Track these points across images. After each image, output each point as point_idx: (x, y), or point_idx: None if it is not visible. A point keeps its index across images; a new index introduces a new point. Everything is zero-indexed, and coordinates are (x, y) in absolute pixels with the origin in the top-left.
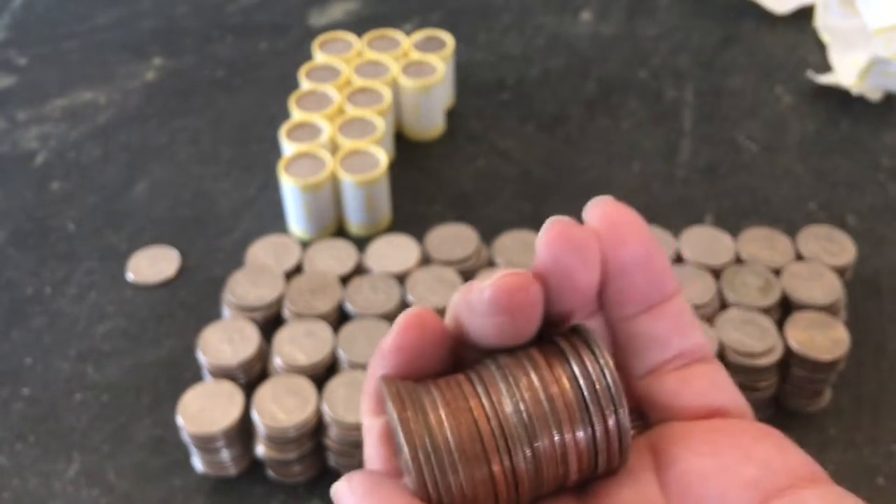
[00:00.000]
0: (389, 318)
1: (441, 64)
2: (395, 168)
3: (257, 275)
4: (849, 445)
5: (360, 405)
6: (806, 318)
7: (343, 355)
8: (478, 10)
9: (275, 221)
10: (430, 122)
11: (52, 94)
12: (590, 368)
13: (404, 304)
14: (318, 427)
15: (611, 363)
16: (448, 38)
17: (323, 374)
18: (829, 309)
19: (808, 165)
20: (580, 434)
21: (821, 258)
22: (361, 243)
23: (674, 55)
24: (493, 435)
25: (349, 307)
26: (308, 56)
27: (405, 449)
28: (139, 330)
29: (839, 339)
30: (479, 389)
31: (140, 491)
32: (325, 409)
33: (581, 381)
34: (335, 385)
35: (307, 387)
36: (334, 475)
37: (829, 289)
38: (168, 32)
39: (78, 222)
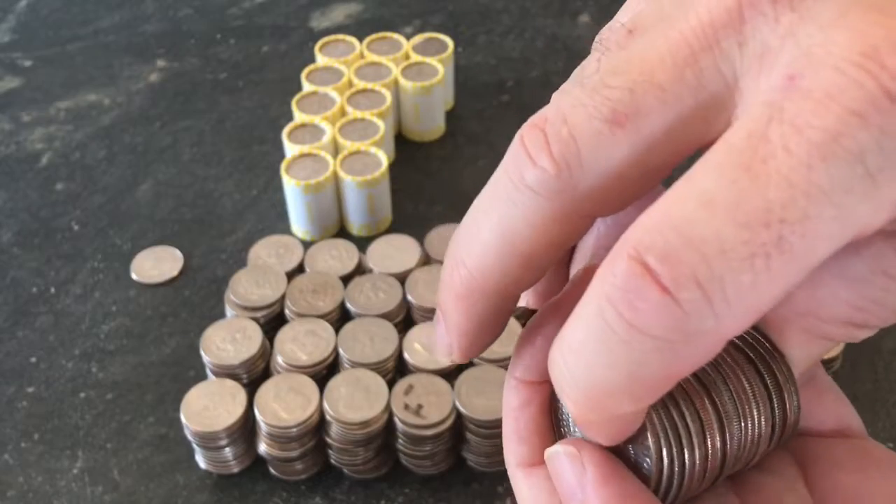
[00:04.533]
0: (390, 317)
1: (441, 66)
2: (396, 169)
3: (259, 274)
4: None
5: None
6: None
7: (344, 354)
8: (477, 12)
9: (277, 222)
10: (431, 124)
11: (56, 95)
12: (769, 361)
13: (405, 304)
14: (319, 425)
15: (782, 356)
16: (448, 41)
17: (324, 372)
18: None
19: None
20: (768, 415)
21: None
22: (362, 243)
23: None
24: (710, 417)
25: (350, 307)
26: (310, 58)
27: (646, 425)
28: (143, 329)
29: None
30: (694, 379)
31: (143, 488)
32: (327, 407)
33: (765, 373)
34: (336, 383)
35: (309, 385)
36: (335, 472)
37: None
38: (171, 35)
39: (82, 222)
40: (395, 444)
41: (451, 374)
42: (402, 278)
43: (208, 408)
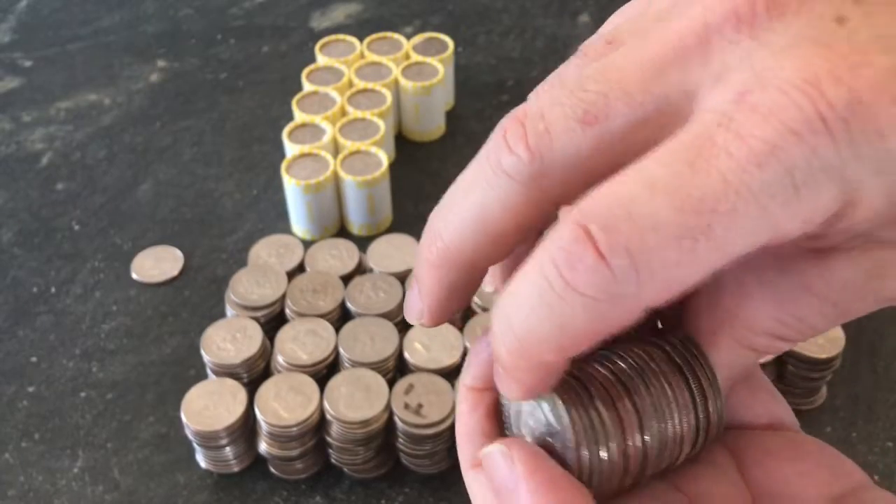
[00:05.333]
0: (390, 317)
1: (441, 66)
2: (396, 169)
3: (260, 274)
4: (844, 443)
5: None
6: None
7: (344, 354)
8: (477, 12)
9: (277, 221)
10: (431, 124)
11: (57, 95)
12: (694, 365)
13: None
14: (319, 424)
15: (715, 370)
16: (448, 41)
17: (325, 372)
18: None
19: None
20: (692, 419)
21: None
22: (363, 243)
23: None
24: (629, 415)
25: (350, 306)
26: (310, 58)
27: (567, 423)
28: (143, 329)
29: (834, 338)
30: (608, 375)
31: (144, 487)
32: (327, 406)
33: (690, 376)
34: (336, 383)
35: (309, 384)
36: (336, 471)
37: None
38: (172, 35)
39: (83, 222)
40: (395, 443)
41: (451, 374)
42: (402, 278)
43: (209, 407)
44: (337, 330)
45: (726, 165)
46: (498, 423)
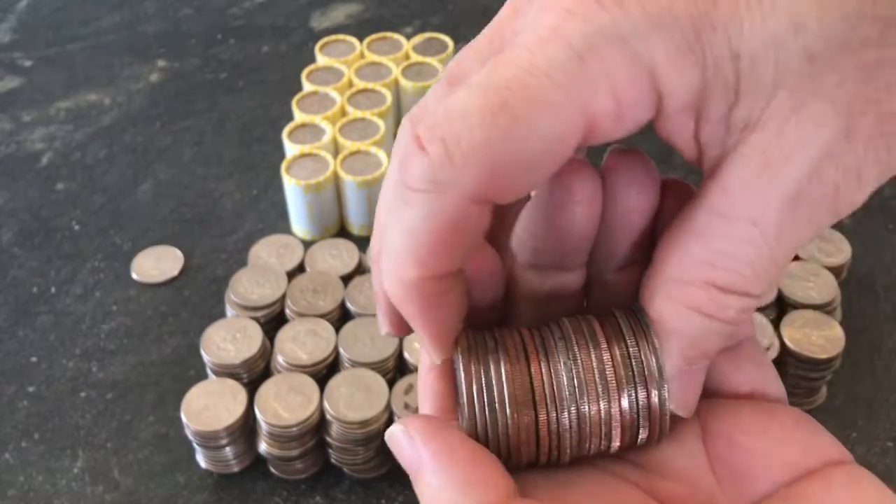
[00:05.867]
0: None
1: (441, 66)
2: None
3: (260, 274)
4: (844, 443)
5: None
6: (801, 316)
7: (344, 354)
8: (477, 13)
9: (277, 221)
10: None
11: (57, 95)
12: (640, 348)
13: None
14: (319, 424)
15: (658, 347)
16: (448, 41)
17: (324, 372)
18: (825, 308)
19: None
20: (625, 405)
21: (816, 258)
22: (362, 243)
23: None
24: (543, 389)
25: (350, 306)
26: (310, 58)
27: (462, 392)
28: (143, 329)
29: (834, 338)
30: (538, 345)
31: (144, 487)
32: (327, 406)
33: (632, 360)
34: (336, 383)
35: (309, 384)
36: (336, 471)
37: (824, 288)
38: (172, 35)
39: (83, 222)
40: None
41: None
42: None
43: (209, 407)
44: (337, 330)
45: (518, 54)
46: (452, 385)
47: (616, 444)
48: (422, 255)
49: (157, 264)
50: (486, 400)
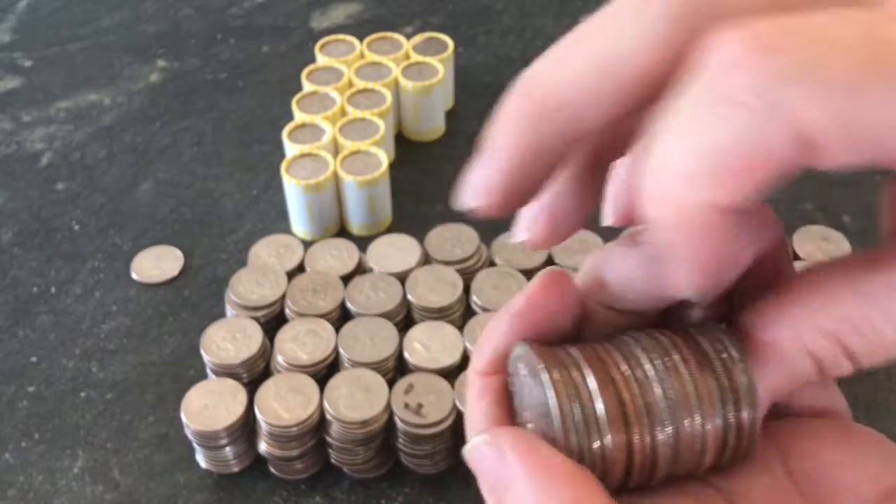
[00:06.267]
0: (390, 317)
1: (441, 66)
2: (396, 168)
3: (260, 274)
4: None
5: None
6: None
7: (344, 354)
8: (478, 13)
9: (277, 221)
10: (431, 124)
11: (57, 95)
12: (729, 364)
13: (405, 304)
14: (319, 424)
15: (747, 363)
16: (448, 41)
17: (324, 372)
18: None
19: None
20: (718, 422)
21: (817, 259)
22: (362, 243)
23: None
24: (635, 406)
25: (350, 306)
26: (310, 58)
27: (554, 408)
28: (143, 329)
29: None
30: (621, 361)
31: (144, 487)
32: (327, 406)
33: (722, 376)
34: (336, 383)
35: (309, 385)
36: (336, 471)
37: None
38: (172, 35)
39: (83, 222)
40: (395, 443)
41: (451, 374)
42: (402, 278)
43: (208, 407)
44: (337, 330)
45: None
46: (507, 411)
47: (707, 463)
48: (724, 180)
49: (157, 264)
50: (581, 417)
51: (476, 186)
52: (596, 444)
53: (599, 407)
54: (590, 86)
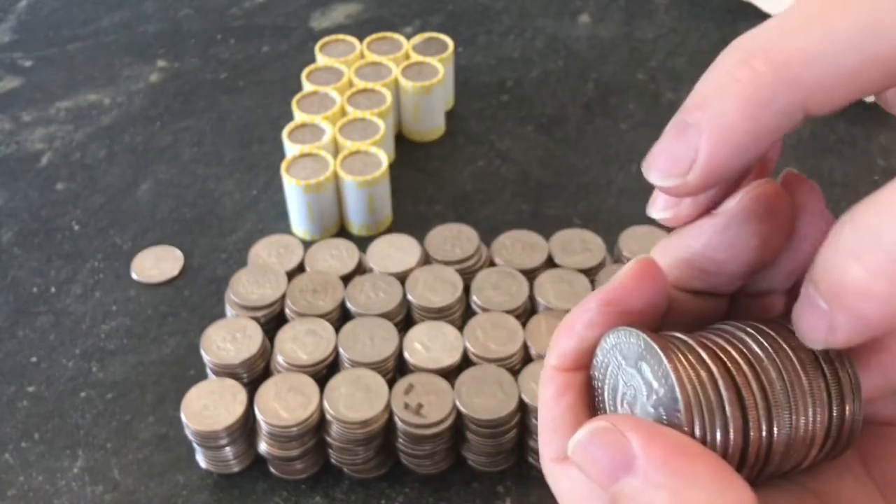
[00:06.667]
0: (390, 317)
1: (441, 66)
2: (396, 169)
3: (260, 274)
4: None
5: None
6: None
7: (344, 354)
8: (477, 13)
9: (277, 221)
10: (431, 124)
11: (57, 95)
12: (832, 356)
13: (405, 304)
14: (319, 424)
15: (854, 368)
16: (448, 41)
17: (324, 372)
18: None
19: (804, 166)
20: (825, 416)
21: None
22: (362, 243)
23: (671, 57)
24: (755, 400)
25: (350, 306)
26: (310, 58)
27: (680, 394)
28: (143, 328)
29: None
30: (732, 350)
31: (144, 487)
32: (327, 406)
33: (827, 368)
34: (336, 383)
35: (309, 385)
36: (336, 471)
37: None
38: (172, 35)
39: (83, 222)
40: (395, 443)
41: (451, 374)
42: (402, 278)
43: (208, 407)
44: (337, 330)
45: None
46: (590, 410)
47: (811, 458)
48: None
49: (157, 264)
50: (705, 406)
51: (676, 161)
52: (719, 434)
53: (724, 396)
54: (850, 53)
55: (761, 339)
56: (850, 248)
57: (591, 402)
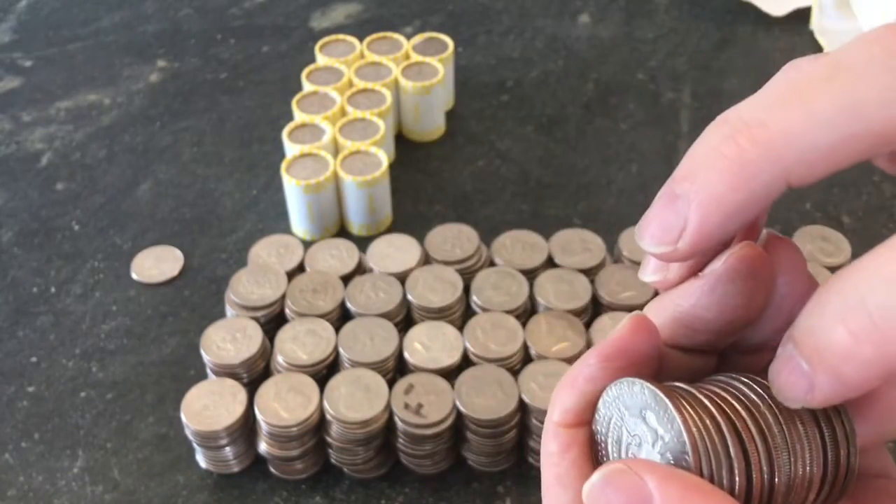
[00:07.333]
0: (390, 317)
1: (441, 66)
2: (396, 169)
3: (260, 274)
4: None
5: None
6: None
7: (344, 354)
8: (477, 12)
9: (277, 221)
10: (431, 124)
11: (57, 95)
12: (830, 414)
13: (405, 304)
14: (319, 424)
15: (849, 415)
16: (448, 41)
17: (324, 372)
18: None
19: None
20: (822, 467)
21: (816, 258)
22: (362, 243)
23: (671, 57)
24: (756, 447)
25: (350, 306)
26: (310, 58)
27: (687, 440)
28: (143, 329)
29: None
30: (732, 400)
31: (144, 487)
32: (327, 406)
33: (821, 417)
34: (336, 383)
35: (309, 384)
36: (336, 471)
37: None
38: (172, 35)
39: (83, 222)
40: (395, 443)
41: (450, 374)
42: (402, 278)
43: (208, 407)
44: (337, 330)
45: None
46: (594, 464)
47: (810, 501)
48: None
49: (157, 264)
50: (712, 452)
51: (667, 230)
52: (726, 476)
53: (728, 439)
54: (828, 132)
55: (756, 388)
56: (835, 311)
57: (594, 456)
